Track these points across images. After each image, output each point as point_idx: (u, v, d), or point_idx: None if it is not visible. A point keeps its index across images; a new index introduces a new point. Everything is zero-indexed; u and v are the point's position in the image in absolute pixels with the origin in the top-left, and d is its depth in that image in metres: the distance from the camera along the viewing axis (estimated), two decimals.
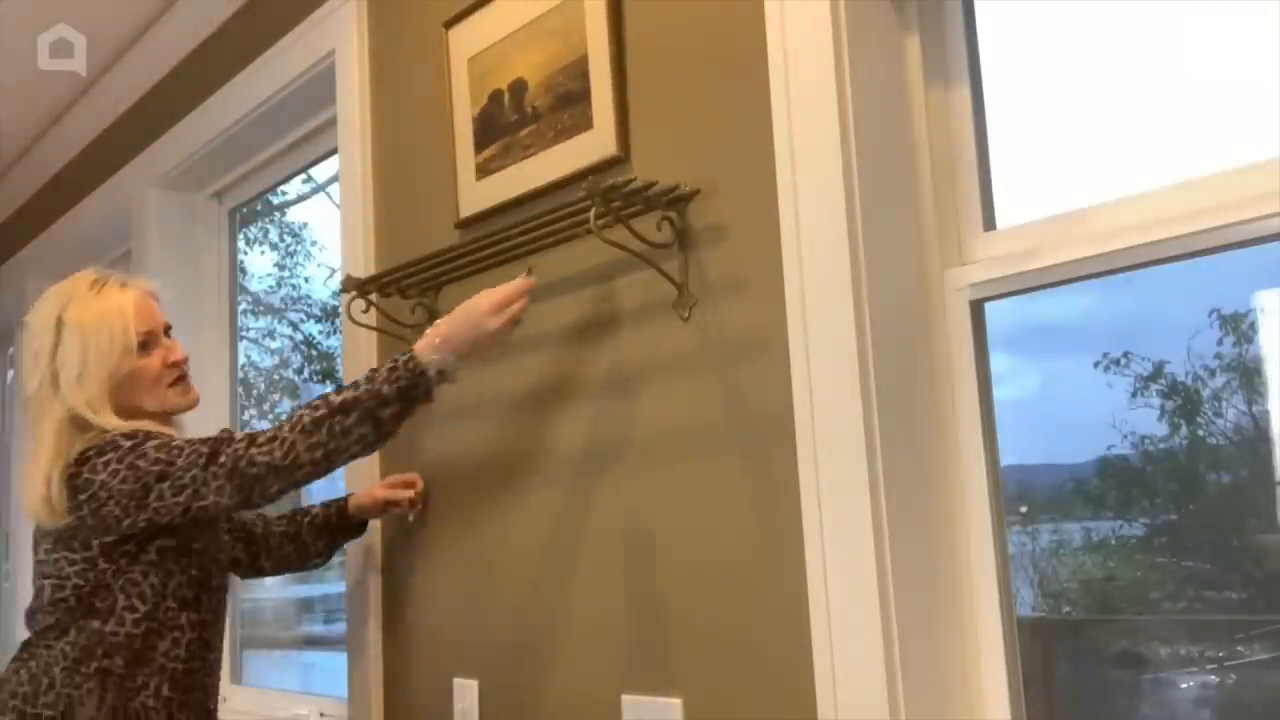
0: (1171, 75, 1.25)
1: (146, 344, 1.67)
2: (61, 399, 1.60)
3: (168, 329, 1.73)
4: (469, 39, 1.85)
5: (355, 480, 2.04)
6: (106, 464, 1.54)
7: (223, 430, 1.62)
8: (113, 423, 1.60)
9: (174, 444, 1.56)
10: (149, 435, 1.58)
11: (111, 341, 1.63)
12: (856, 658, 1.24)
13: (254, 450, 1.50)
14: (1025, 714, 1.31)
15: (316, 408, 1.51)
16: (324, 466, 1.52)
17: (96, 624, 1.59)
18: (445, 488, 1.89)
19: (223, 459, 1.51)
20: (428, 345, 1.51)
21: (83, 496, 1.55)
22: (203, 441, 1.55)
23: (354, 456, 1.53)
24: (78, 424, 1.60)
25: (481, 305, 1.50)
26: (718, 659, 1.40)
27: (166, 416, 1.72)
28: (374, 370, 1.53)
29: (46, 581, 1.62)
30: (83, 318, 1.64)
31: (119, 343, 1.64)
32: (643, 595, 1.51)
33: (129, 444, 1.56)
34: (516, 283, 1.53)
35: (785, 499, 1.33)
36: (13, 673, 1.62)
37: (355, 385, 1.51)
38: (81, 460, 1.56)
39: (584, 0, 1.63)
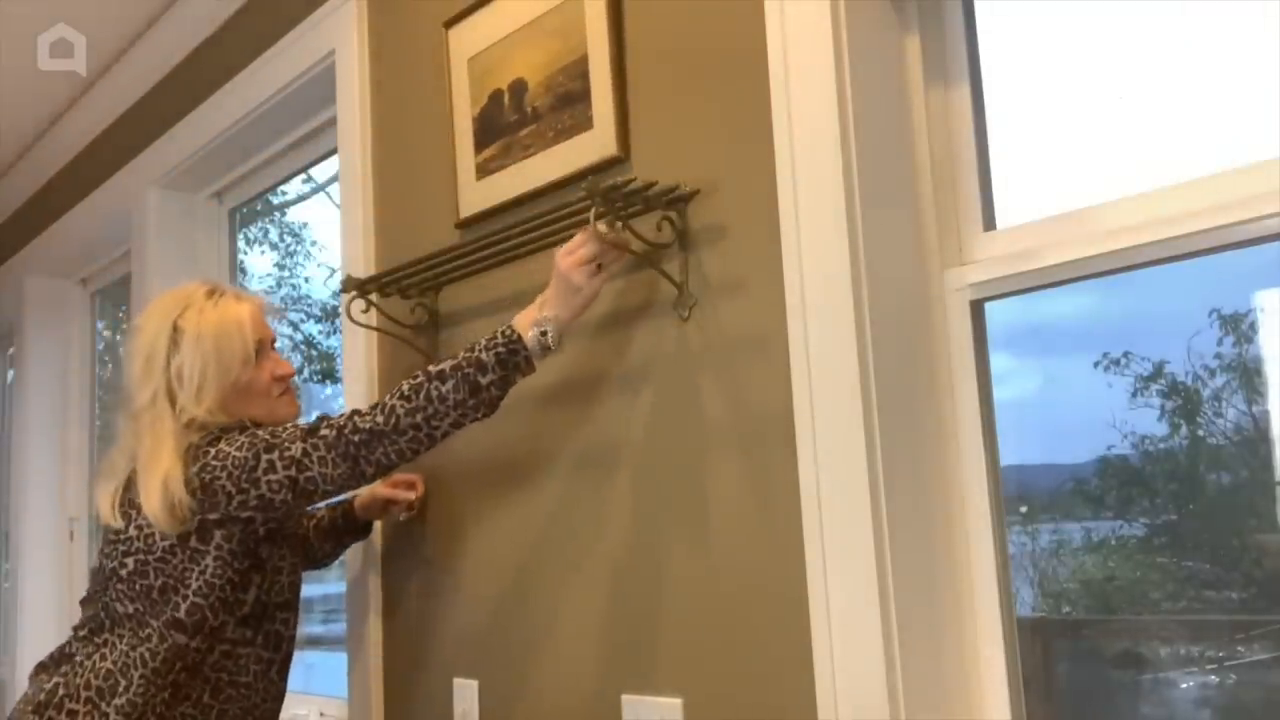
0: (1171, 75, 1.25)
1: (258, 355, 1.68)
2: (180, 409, 1.60)
3: (272, 342, 1.74)
4: (469, 39, 1.85)
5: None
6: (232, 440, 1.56)
7: (319, 415, 1.62)
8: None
9: (286, 425, 1.60)
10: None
11: (232, 352, 1.64)
12: (856, 658, 1.25)
13: (356, 419, 1.51)
14: (1025, 714, 1.31)
15: (415, 376, 1.51)
16: (425, 432, 1.49)
17: (183, 639, 1.57)
18: (446, 487, 1.89)
19: (324, 430, 1.52)
20: (529, 312, 1.50)
21: (195, 468, 1.54)
22: (303, 424, 1.57)
23: (458, 425, 1.50)
24: (195, 425, 1.60)
25: (572, 276, 1.44)
26: (718, 659, 1.40)
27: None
28: (474, 342, 1.52)
29: (130, 559, 1.60)
30: (202, 327, 1.63)
31: (239, 354, 1.65)
32: (643, 595, 1.51)
33: (253, 426, 1.60)
34: (583, 235, 1.45)
35: (785, 499, 1.33)
36: (85, 656, 1.61)
37: (453, 356, 1.52)
38: (208, 439, 1.57)
39: (584, 0, 1.63)
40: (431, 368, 1.51)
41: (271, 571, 1.66)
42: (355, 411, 1.53)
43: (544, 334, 1.46)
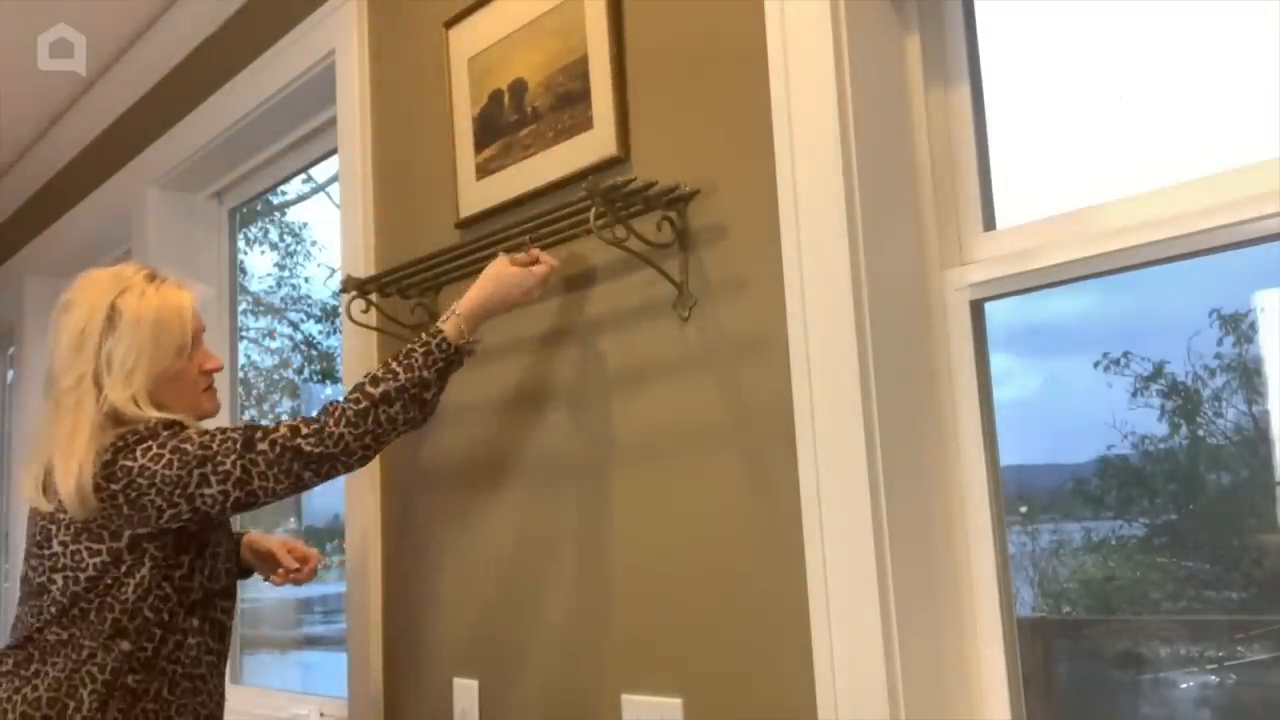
0: (1171, 75, 1.25)
1: (192, 346, 1.66)
2: (107, 391, 1.56)
3: (203, 333, 1.72)
4: (469, 39, 1.85)
5: (354, 489, 2.04)
6: (146, 450, 1.51)
7: (246, 424, 1.59)
8: (154, 415, 1.57)
9: (211, 431, 1.55)
10: (185, 425, 1.57)
11: (170, 341, 1.61)
12: (856, 657, 1.25)
13: (299, 440, 1.50)
14: (1025, 714, 1.31)
15: (357, 400, 1.51)
16: (374, 450, 1.54)
17: (126, 645, 1.54)
18: (445, 487, 1.89)
19: (262, 446, 1.50)
20: (454, 324, 1.56)
21: (117, 486, 1.50)
22: (233, 429, 1.54)
23: (404, 433, 1.56)
24: (115, 417, 1.56)
25: (505, 267, 1.57)
26: (718, 659, 1.40)
27: (191, 420, 1.70)
28: (407, 354, 1.54)
29: (59, 575, 1.56)
30: (142, 311, 1.60)
31: (175, 342, 1.62)
32: (643, 595, 1.51)
33: (167, 431, 1.54)
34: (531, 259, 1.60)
35: (785, 499, 1.33)
36: (13, 692, 1.53)
37: (393, 374, 1.52)
38: (118, 448, 1.52)
39: (584, 0, 1.63)
40: (372, 389, 1.51)
41: (210, 557, 1.63)
42: (295, 430, 1.50)
43: (475, 347, 1.59)
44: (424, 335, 1.55)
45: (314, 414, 1.54)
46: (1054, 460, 1.43)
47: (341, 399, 1.54)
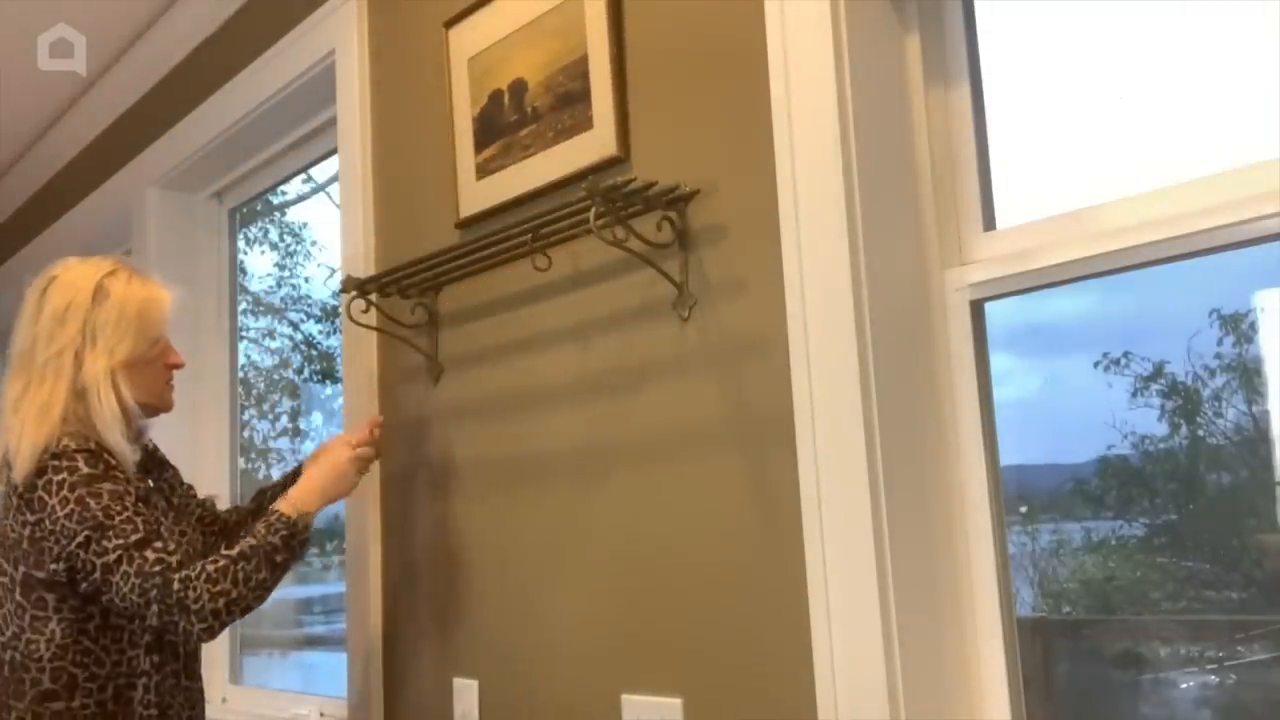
0: (1171, 75, 1.25)
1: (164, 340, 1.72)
2: (86, 365, 1.58)
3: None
4: (469, 39, 1.85)
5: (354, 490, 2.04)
6: (60, 486, 1.50)
7: (157, 530, 1.55)
8: (111, 404, 1.58)
9: (125, 500, 1.52)
10: (109, 469, 1.54)
11: (153, 326, 1.67)
12: (856, 657, 1.25)
13: (175, 575, 1.47)
14: (1025, 714, 1.31)
15: (215, 561, 1.51)
16: (224, 616, 1.50)
17: (59, 705, 1.52)
18: (445, 487, 1.89)
19: (149, 554, 1.48)
20: (289, 505, 1.62)
21: (31, 516, 1.51)
22: (143, 520, 1.52)
23: (249, 607, 1.54)
24: (81, 396, 1.57)
25: (350, 471, 1.71)
26: (718, 659, 1.40)
27: (148, 413, 1.71)
28: (252, 532, 1.58)
29: None
30: (129, 294, 1.65)
31: (154, 330, 1.68)
32: (643, 595, 1.51)
33: (87, 470, 1.52)
34: (368, 427, 1.80)
35: (785, 499, 1.33)
36: None
37: (243, 541, 1.56)
38: (42, 467, 1.52)
39: (584, 0, 1.63)
40: (228, 551, 1.54)
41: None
42: (181, 564, 1.49)
43: (308, 529, 1.62)
44: (267, 516, 1.61)
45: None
46: (1054, 460, 1.43)
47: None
